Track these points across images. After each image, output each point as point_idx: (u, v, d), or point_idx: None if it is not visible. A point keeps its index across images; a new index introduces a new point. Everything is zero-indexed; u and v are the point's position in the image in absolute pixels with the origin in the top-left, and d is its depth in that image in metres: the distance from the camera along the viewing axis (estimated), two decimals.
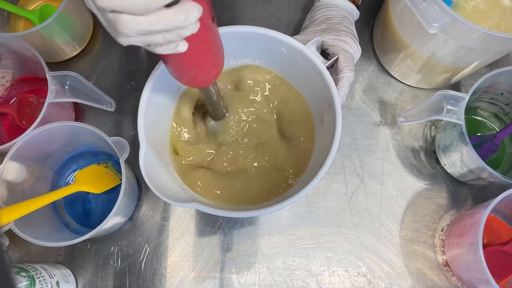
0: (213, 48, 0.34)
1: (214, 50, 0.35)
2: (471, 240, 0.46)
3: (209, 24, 0.31)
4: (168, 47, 0.29)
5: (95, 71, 0.63)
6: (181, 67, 0.34)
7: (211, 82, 0.39)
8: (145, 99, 0.45)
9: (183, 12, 0.26)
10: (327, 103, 0.47)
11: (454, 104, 0.50)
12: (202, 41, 0.32)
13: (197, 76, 0.36)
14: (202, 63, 0.34)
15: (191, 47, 0.30)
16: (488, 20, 0.49)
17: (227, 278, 0.54)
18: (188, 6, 0.26)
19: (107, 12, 0.26)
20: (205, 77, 0.37)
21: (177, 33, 0.27)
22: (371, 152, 0.60)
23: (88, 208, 0.57)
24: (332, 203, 0.57)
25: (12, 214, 0.44)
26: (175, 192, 0.44)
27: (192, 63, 0.34)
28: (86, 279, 0.54)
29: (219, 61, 0.37)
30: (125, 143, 0.49)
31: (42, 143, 0.50)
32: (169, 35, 0.27)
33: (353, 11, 0.56)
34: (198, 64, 0.34)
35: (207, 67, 0.36)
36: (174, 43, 0.29)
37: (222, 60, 0.38)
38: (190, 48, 0.30)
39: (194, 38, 0.29)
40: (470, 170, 0.52)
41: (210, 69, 0.36)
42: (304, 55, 0.47)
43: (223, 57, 0.38)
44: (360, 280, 0.54)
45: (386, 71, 0.63)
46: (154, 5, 0.25)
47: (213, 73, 0.37)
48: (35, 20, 0.62)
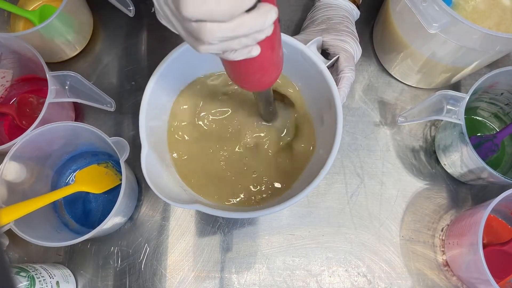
0: (278, 50, 0.34)
1: (279, 52, 0.35)
2: (471, 240, 0.46)
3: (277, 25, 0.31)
4: (243, 53, 0.29)
5: (95, 71, 0.63)
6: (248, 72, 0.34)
7: (272, 84, 0.38)
8: (146, 100, 0.45)
9: (262, 16, 0.26)
10: (328, 103, 0.47)
11: (454, 104, 0.50)
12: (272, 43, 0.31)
13: (261, 79, 0.36)
14: (267, 66, 0.34)
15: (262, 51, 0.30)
16: (488, 20, 0.49)
17: (227, 278, 0.54)
18: (266, 9, 0.26)
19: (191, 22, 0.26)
20: (267, 79, 0.36)
21: (253, 37, 0.28)
22: (371, 152, 0.60)
23: (88, 208, 0.57)
24: (332, 203, 0.57)
25: (12, 214, 0.44)
26: (177, 193, 0.44)
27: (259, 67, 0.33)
28: (86, 279, 0.54)
29: (280, 63, 0.37)
30: (125, 143, 0.49)
31: (42, 143, 0.50)
32: (246, 40, 0.27)
33: (353, 11, 0.56)
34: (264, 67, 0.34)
35: (271, 70, 0.35)
36: (248, 48, 0.29)
37: (282, 62, 0.37)
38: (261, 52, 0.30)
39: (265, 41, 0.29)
40: (470, 170, 0.52)
41: (273, 72, 0.36)
42: (305, 55, 0.47)
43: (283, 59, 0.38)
44: (360, 280, 0.54)
45: (386, 71, 0.63)
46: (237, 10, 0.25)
47: (275, 75, 0.37)
48: (35, 20, 0.62)
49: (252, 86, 0.37)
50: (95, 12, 0.65)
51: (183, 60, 0.47)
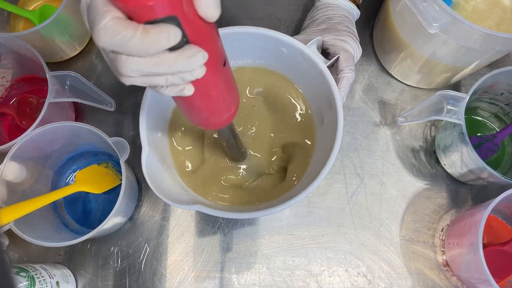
0: (224, 93, 0.32)
1: (226, 94, 0.33)
2: (471, 240, 0.46)
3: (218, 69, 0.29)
4: (173, 90, 0.28)
5: (95, 71, 0.63)
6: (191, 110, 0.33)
7: (224, 125, 0.37)
8: (146, 101, 0.45)
9: (186, 58, 0.25)
10: (328, 103, 0.47)
11: (454, 104, 0.50)
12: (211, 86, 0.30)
13: (209, 119, 0.34)
14: (212, 107, 0.33)
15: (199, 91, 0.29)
16: (488, 20, 0.49)
17: (227, 278, 0.54)
18: (191, 52, 0.25)
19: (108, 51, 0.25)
20: (217, 120, 0.35)
21: (180, 77, 0.26)
22: (371, 152, 0.60)
23: (88, 208, 0.57)
24: (332, 203, 0.57)
25: (12, 214, 0.44)
26: (178, 194, 0.44)
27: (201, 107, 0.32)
28: (86, 279, 0.54)
29: (231, 106, 0.35)
30: (126, 143, 0.49)
31: (42, 143, 0.50)
32: (172, 79, 0.26)
33: (353, 10, 0.56)
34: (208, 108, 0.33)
35: (218, 111, 0.34)
36: (179, 87, 0.28)
37: (236, 104, 0.36)
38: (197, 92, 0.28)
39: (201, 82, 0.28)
40: (470, 170, 0.52)
41: (221, 113, 0.34)
42: (305, 55, 0.47)
43: (237, 101, 0.36)
44: (360, 280, 0.54)
45: (386, 71, 0.63)
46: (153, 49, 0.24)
47: (224, 116, 0.35)
48: (35, 20, 0.62)
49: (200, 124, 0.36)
50: None
51: None
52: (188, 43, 0.25)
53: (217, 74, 0.30)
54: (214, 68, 0.29)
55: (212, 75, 0.29)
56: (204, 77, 0.27)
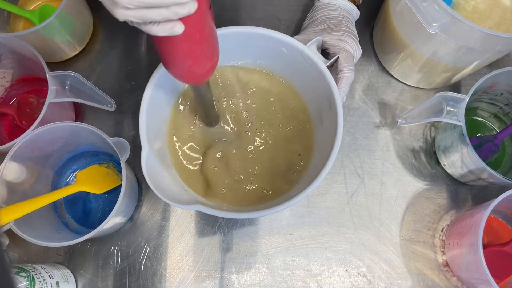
0: (208, 38, 0.34)
1: (210, 40, 0.35)
2: (471, 240, 0.46)
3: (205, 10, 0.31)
4: (165, 27, 0.29)
5: (95, 71, 0.63)
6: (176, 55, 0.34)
7: (206, 76, 0.38)
8: (146, 101, 0.45)
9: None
10: (328, 103, 0.47)
11: (454, 105, 0.49)
12: (198, 26, 0.32)
13: (192, 68, 0.36)
14: (197, 52, 0.34)
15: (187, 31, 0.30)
16: (488, 20, 0.49)
17: (227, 278, 0.54)
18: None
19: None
20: (200, 69, 0.36)
21: (174, 11, 0.27)
22: (371, 152, 0.59)
23: (89, 208, 0.57)
24: (332, 203, 0.57)
25: (12, 213, 0.44)
26: (178, 194, 0.44)
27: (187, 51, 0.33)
28: (86, 279, 0.54)
29: (214, 54, 0.37)
30: (126, 143, 0.49)
31: (43, 143, 0.50)
32: (166, 12, 0.27)
33: (353, 11, 0.56)
34: (193, 54, 0.34)
35: (202, 58, 0.35)
36: (171, 23, 0.29)
37: (217, 54, 0.37)
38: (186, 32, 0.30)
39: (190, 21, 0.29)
40: (470, 170, 0.52)
41: (205, 61, 0.36)
42: (305, 55, 0.47)
43: (217, 51, 0.38)
44: (360, 280, 0.54)
45: (386, 71, 0.63)
46: None
47: (207, 66, 0.37)
48: (35, 20, 0.62)
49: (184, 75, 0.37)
50: (95, 12, 0.65)
51: None
52: None
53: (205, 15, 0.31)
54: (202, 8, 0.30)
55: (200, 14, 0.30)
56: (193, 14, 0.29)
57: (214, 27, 0.35)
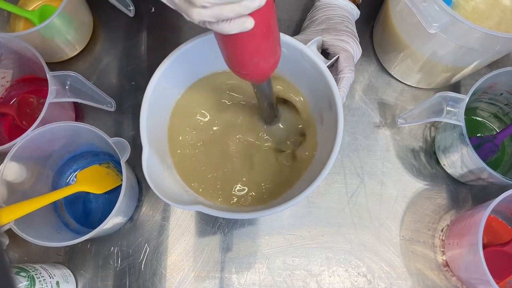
0: (274, 32, 0.35)
1: (275, 34, 0.35)
2: (471, 240, 0.46)
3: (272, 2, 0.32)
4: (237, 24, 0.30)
5: (95, 71, 0.63)
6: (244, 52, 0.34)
7: (270, 71, 0.39)
8: (147, 101, 0.45)
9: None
10: (328, 103, 0.47)
11: (453, 105, 0.49)
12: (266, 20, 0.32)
13: (259, 64, 0.36)
14: (264, 47, 0.35)
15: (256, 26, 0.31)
16: (488, 20, 0.49)
17: (227, 278, 0.54)
18: None
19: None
20: (266, 65, 0.37)
21: (245, 5, 0.29)
22: (371, 152, 0.60)
23: (89, 208, 0.57)
24: (332, 203, 0.57)
25: (12, 213, 0.44)
26: (178, 194, 0.44)
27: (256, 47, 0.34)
28: (86, 279, 0.54)
29: (278, 48, 0.37)
30: (126, 143, 0.49)
31: (43, 143, 0.50)
32: (238, 7, 0.29)
33: (353, 10, 0.56)
34: (261, 49, 0.35)
35: (268, 53, 0.36)
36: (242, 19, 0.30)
37: (280, 48, 0.38)
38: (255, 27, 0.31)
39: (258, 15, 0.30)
40: (470, 170, 0.52)
41: (271, 56, 0.36)
42: (305, 55, 0.47)
43: (280, 45, 0.38)
44: (360, 280, 0.54)
45: (386, 71, 0.63)
46: None
47: (273, 60, 0.37)
48: (35, 20, 0.62)
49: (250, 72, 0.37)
50: (95, 12, 0.65)
51: (184, 60, 0.47)
52: None
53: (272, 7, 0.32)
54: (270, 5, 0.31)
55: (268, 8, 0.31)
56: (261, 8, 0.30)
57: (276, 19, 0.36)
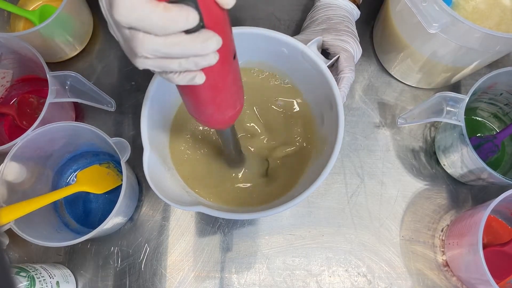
0: (231, 87, 0.33)
1: (233, 89, 0.33)
2: (471, 240, 0.46)
3: (229, 60, 0.30)
4: (185, 77, 0.28)
5: (95, 71, 0.63)
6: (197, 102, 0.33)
7: (227, 124, 0.37)
8: (148, 102, 0.45)
9: (201, 41, 0.26)
10: (329, 103, 0.47)
11: (453, 105, 0.49)
12: (221, 76, 0.30)
13: (213, 115, 0.35)
14: (218, 101, 0.33)
15: (209, 81, 0.29)
16: (488, 20, 0.49)
17: (227, 278, 0.54)
18: (207, 36, 0.26)
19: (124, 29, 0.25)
20: (221, 117, 0.35)
21: (194, 62, 0.27)
22: (371, 152, 0.60)
23: (89, 208, 0.57)
24: (332, 203, 0.57)
25: (12, 213, 0.44)
26: (180, 195, 0.44)
27: (208, 99, 0.32)
28: (86, 279, 0.54)
29: (237, 103, 0.35)
30: (126, 144, 0.48)
31: (43, 143, 0.50)
32: (186, 63, 0.27)
33: (353, 10, 0.56)
34: (215, 102, 0.33)
35: (223, 107, 0.34)
36: (191, 74, 0.28)
37: (241, 102, 0.36)
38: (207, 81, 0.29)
39: (212, 71, 0.29)
40: (470, 170, 0.52)
41: (226, 109, 0.35)
42: (305, 55, 0.47)
43: (242, 99, 0.36)
44: (360, 280, 0.54)
45: (386, 71, 0.63)
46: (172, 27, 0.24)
47: (229, 113, 0.35)
48: (35, 20, 0.62)
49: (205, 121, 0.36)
50: (95, 12, 0.65)
51: None
52: (204, 28, 0.26)
53: (228, 65, 0.30)
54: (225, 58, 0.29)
55: (223, 65, 0.29)
56: (215, 65, 0.28)
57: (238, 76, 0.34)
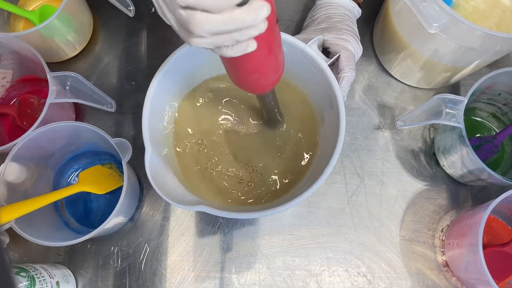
0: (276, 52, 0.34)
1: (277, 53, 0.34)
2: (471, 240, 0.46)
3: (274, 25, 0.31)
4: (238, 49, 0.29)
5: (95, 71, 0.63)
6: (245, 71, 0.34)
7: (271, 87, 0.38)
8: (149, 102, 0.45)
9: (254, 11, 0.26)
10: (329, 102, 0.47)
11: (452, 107, 0.49)
12: (268, 42, 0.31)
13: (259, 81, 0.36)
14: (265, 66, 0.34)
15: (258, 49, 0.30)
16: (488, 20, 0.49)
17: (227, 278, 0.54)
18: (258, 5, 0.27)
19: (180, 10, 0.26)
20: (266, 82, 0.36)
21: (246, 33, 0.28)
22: (371, 152, 0.60)
23: (89, 207, 0.57)
24: (332, 203, 0.57)
25: (13, 212, 0.44)
26: (182, 194, 0.44)
27: (256, 66, 0.33)
28: (86, 279, 0.54)
29: (280, 66, 0.36)
30: (128, 144, 0.48)
31: (44, 142, 0.50)
32: (239, 35, 0.28)
33: (354, 9, 0.56)
34: (261, 68, 0.34)
35: (269, 72, 0.35)
36: (244, 44, 0.29)
37: (282, 66, 0.37)
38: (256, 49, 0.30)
39: (261, 38, 0.29)
40: (470, 171, 0.52)
41: (271, 74, 0.36)
42: (306, 54, 0.47)
43: (283, 63, 0.37)
44: (360, 280, 0.54)
45: (386, 71, 0.63)
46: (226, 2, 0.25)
47: (273, 78, 0.36)
48: (35, 20, 0.62)
49: (250, 87, 0.37)
50: (95, 12, 0.65)
51: (186, 60, 0.47)
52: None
53: (274, 30, 0.31)
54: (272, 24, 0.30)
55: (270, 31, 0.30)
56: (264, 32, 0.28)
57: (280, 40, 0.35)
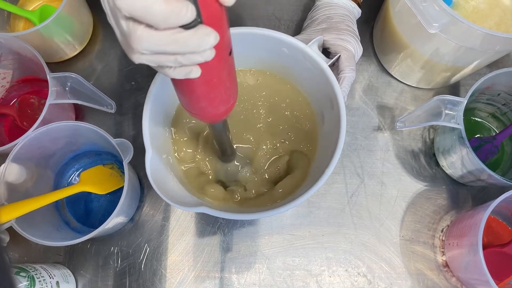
0: (226, 82, 0.33)
1: (227, 84, 0.33)
2: (471, 241, 0.46)
3: (225, 56, 0.30)
4: (181, 72, 0.28)
5: (95, 71, 0.63)
6: (191, 96, 0.33)
7: (220, 118, 0.37)
8: (149, 102, 0.44)
9: (199, 37, 0.25)
10: (330, 102, 0.47)
11: (452, 108, 0.49)
12: (217, 71, 0.30)
13: (206, 109, 0.34)
14: (212, 96, 0.33)
15: (204, 76, 0.29)
16: (488, 20, 0.49)
17: (227, 278, 0.54)
18: (205, 32, 0.26)
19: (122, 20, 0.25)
20: (214, 111, 0.35)
21: (190, 58, 0.27)
22: (371, 152, 0.59)
23: (90, 207, 0.57)
24: (332, 203, 0.57)
25: (14, 211, 0.44)
26: (182, 196, 0.44)
27: (203, 93, 0.32)
28: (86, 279, 0.54)
29: (230, 98, 0.35)
30: (129, 145, 0.48)
31: (44, 142, 0.50)
32: (182, 59, 0.27)
33: (354, 9, 0.56)
34: (208, 97, 0.33)
35: (217, 102, 0.34)
36: (187, 68, 0.28)
37: (234, 98, 0.36)
38: (202, 77, 0.29)
39: (208, 67, 0.28)
40: (469, 171, 0.52)
41: (220, 104, 0.34)
42: (306, 54, 0.47)
43: (235, 95, 0.36)
44: (360, 280, 0.54)
45: (386, 71, 0.63)
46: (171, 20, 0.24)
47: (222, 108, 0.35)
48: (35, 20, 0.62)
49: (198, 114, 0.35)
50: (95, 12, 0.65)
51: None
52: (201, 24, 0.25)
53: (223, 61, 0.30)
54: (221, 54, 0.29)
55: (218, 61, 0.29)
56: (211, 61, 0.27)
57: (233, 72, 0.34)
